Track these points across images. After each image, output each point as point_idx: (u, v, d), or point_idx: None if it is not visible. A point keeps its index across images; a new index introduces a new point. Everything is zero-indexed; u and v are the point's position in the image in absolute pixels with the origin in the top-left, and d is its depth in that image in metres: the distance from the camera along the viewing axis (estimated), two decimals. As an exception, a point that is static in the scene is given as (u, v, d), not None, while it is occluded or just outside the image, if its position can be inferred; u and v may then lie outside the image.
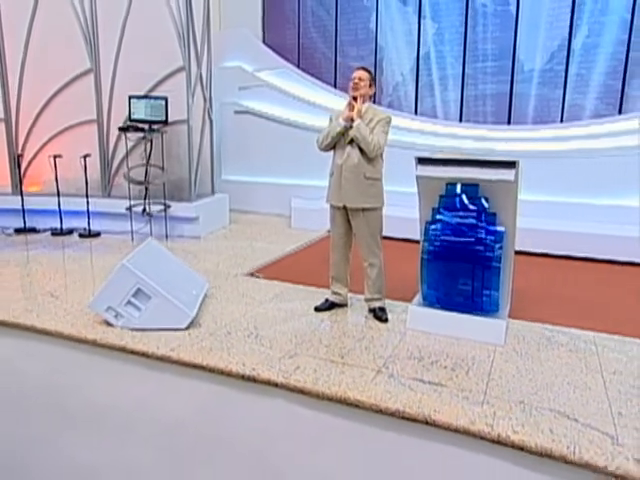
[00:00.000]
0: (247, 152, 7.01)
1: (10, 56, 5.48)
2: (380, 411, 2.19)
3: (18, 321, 3.06)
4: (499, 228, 2.98)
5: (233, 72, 6.92)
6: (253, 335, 2.94)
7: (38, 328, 2.99)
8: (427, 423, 2.10)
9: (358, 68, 3.02)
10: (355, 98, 2.91)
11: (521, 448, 1.93)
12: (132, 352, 2.73)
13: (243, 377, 2.46)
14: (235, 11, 7.11)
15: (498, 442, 1.98)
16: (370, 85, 2.97)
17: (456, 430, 2.05)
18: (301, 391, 2.35)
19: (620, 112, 5.53)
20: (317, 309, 3.31)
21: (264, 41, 7.17)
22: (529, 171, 4.32)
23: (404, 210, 4.50)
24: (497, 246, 2.94)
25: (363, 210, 3.01)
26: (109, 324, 3.00)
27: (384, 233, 3.23)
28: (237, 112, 6.97)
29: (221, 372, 2.52)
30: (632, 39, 5.32)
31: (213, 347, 2.75)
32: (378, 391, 2.30)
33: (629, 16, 5.29)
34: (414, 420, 2.12)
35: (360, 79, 2.92)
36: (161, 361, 2.66)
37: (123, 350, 2.75)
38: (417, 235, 3.14)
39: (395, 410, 2.15)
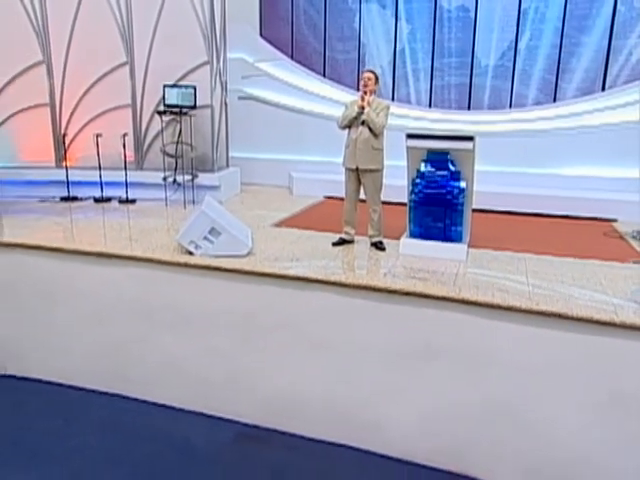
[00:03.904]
0: (249, 133, 8.11)
1: (55, 52, 6.44)
2: (390, 291, 3.50)
3: (122, 253, 4.22)
4: (462, 183, 4.33)
5: (236, 63, 7.97)
6: (294, 259, 4.19)
7: (139, 257, 4.16)
8: (420, 295, 3.43)
9: (367, 70, 4.32)
10: (365, 92, 4.19)
11: (475, 303, 3.30)
12: (215, 269, 3.94)
13: (298, 278, 3.73)
14: (235, 8, 8.11)
15: (462, 301, 3.33)
16: (375, 83, 4.25)
17: (437, 298, 3.39)
18: (338, 284, 3.64)
19: (555, 100, 7.00)
20: (334, 244, 4.59)
21: (262, 35, 8.27)
22: (485, 147, 5.68)
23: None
24: (461, 195, 4.30)
25: (370, 171, 4.31)
26: (190, 253, 4.19)
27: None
28: (240, 98, 8.07)
29: (281, 277, 3.78)
30: (563, 43, 6.78)
31: (270, 264, 4.00)
32: (388, 281, 3.62)
33: (560, 25, 6.73)
34: (411, 294, 3.45)
35: (369, 79, 4.21)
36: (237, 273, 3.89)
37: (207, 268, 3.97)
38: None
39: (399, 289, 3.48)
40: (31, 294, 4.52)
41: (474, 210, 4.65)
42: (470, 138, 4.17)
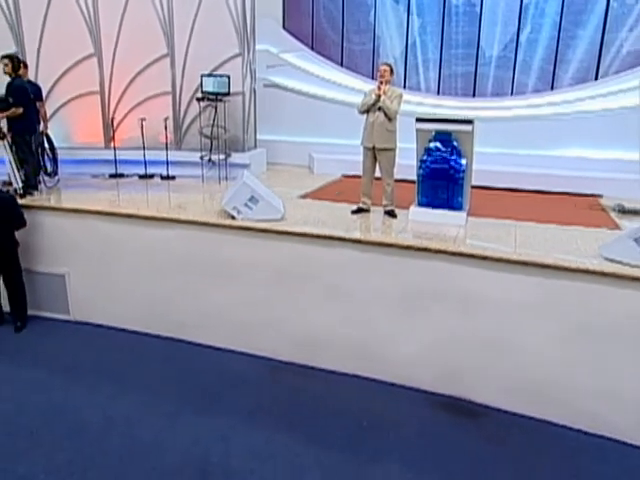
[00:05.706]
0: (273, 117, 8.88)
1: (105, 46, 7.25)
2: (400, 246, 4.29)
3: (176, 217, 5.05)
4: (463, 160, 5.09)
5: (262, 54, 8.69)
6: (320, 223, 4.98)
7: (191, 220, 4.97)
8: (425, 250, 4.22)
9: (383, 63, 5.08)
10: (382, 82, 4.95)
11: (470, 255, 4.08)
12: (257, 230, 4.75)
13: (324, 236, 4.53)
14: (261, 3, 8.82)
15: (459, 254, 4.12)
16: (391, 74, 5.00)
17: (439, 251, 4.18)
18: (357, 241, 4.44)
19: (552, 88, 7.69)
20: (352, 212, 5.38)
21: (285, 28, 9.00)
22: (488, 131, 6.41)
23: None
24: (462, 169, 5.06)
25: (385, 150, 5.09)
26: (232, 217, 5.00)
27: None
28: (265, 85, 8.82)
29: (310, 235, 4.58)
30: (560, 36, 7.45)
31: (300, 227, 4.80)
32: (399, 239, 4.41)
33: (558, 19, 7.39)
34: (418, 249, 4.24)
35: (385, 70, 4.97)
36: (273, 233, 4.70)
37: (251, 229, 4.78)
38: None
39: (409, 245, 4.27)
40: (96, 252, 5.38)
41: (477, 186, 5.40)
42: (470, 121, 4.92)
